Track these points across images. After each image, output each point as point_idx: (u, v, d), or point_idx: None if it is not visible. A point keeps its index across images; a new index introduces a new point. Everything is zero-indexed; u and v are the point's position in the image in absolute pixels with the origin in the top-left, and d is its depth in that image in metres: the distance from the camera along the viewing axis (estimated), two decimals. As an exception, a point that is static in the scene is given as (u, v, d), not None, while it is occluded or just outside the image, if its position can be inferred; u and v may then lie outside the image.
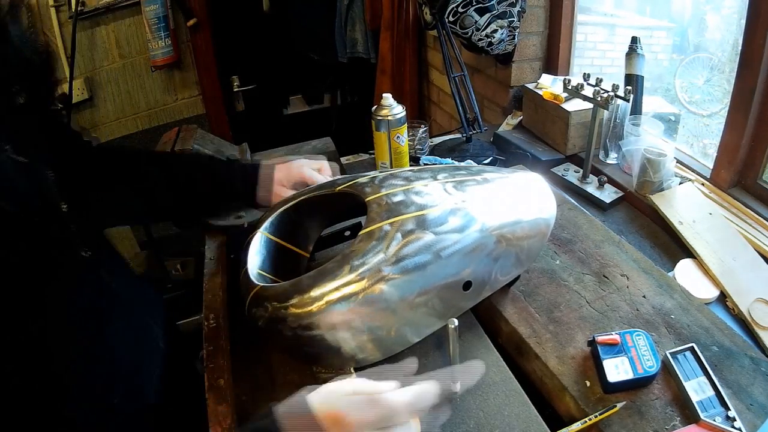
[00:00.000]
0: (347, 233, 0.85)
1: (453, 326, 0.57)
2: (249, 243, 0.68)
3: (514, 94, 1.57)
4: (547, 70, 1.55)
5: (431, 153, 1.29)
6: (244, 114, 2.56)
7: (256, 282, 0.61)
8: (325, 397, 0.45)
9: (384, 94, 1.02)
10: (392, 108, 1.00)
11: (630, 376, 0.60)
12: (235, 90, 2.49)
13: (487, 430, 0.57)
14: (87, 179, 0.74)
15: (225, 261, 0.87)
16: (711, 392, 0.58)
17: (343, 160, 1.27)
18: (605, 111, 1.11)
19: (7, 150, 0.53)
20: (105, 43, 2.09)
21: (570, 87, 1.09)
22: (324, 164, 0.87)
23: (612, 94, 1.01)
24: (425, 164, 1.19)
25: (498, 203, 0.66)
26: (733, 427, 0.54)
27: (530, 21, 1.47)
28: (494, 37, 1.35)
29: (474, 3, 1.30)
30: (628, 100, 1.01)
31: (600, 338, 0.64)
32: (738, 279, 0.84)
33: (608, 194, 1.10)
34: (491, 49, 1.39)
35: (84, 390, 0.55)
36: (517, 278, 0.74)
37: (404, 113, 1.02)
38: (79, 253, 0.60)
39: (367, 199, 0.64)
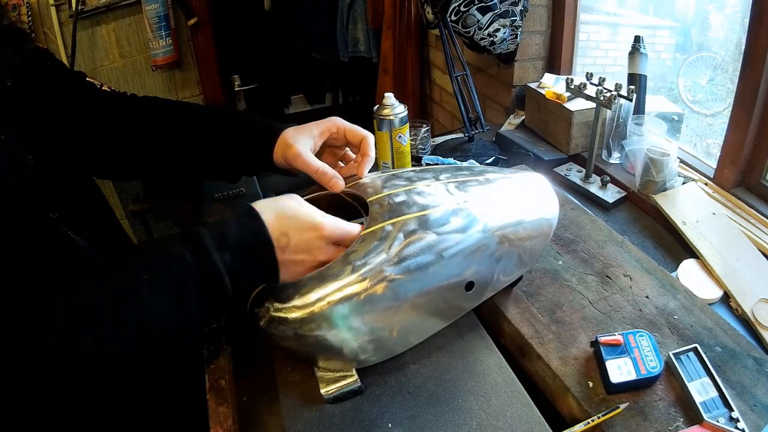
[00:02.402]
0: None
1: None
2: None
3: (516, 94, 1.57)
4: (549, 70, 1.54)
5: (433, 153, 1.29)
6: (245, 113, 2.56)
7: (258, 282, 0.61)
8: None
9: (386, 94, 1.01)
10: (394, 107, 1.00)
11: (633, 376, 0.59)
12: (236, 89, 2.48)
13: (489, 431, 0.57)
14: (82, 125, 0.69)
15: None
16: (714, 393, 0.58)
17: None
18: (608, 110, 1.11)
19: None
20: (105, 43, 2.09)
21: (573, 86, 1.08)
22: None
23: (615, 93, 1.00)
24: (427, 164, 1.19)
25: (500, 203, 0.66)
26: (737, 428, 0.54)
27: (533, 20, 1.47)
28: (496, 36, 1.35)
29: (476, 2, 1.29)
30: (631, 100, 1.01)
31: (603, 339, 0.64)
32: (741, 279, 0.84)
33: (611, 194, 1.10)
34: (493, 49, 1.38)
35: None
36: (520, 279, 0.74)
37: (406, 113, 1.01)
38: (47, 215, 0.59)
39: (369, 199, 0.64)
